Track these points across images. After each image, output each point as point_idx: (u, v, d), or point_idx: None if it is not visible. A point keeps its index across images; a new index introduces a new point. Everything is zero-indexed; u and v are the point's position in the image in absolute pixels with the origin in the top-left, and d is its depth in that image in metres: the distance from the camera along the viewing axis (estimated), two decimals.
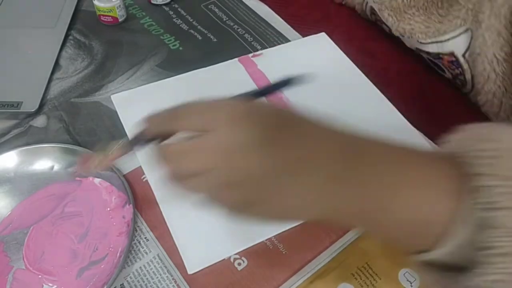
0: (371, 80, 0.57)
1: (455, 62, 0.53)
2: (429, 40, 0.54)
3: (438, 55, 0.55)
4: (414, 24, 0.55)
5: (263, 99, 0.35)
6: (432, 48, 0.55)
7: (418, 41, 0.55)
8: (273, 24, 0.65)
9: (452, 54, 0.53)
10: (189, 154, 0.29)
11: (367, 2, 0.64)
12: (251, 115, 0.29)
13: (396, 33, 0.58)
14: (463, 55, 0.52)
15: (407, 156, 0.31)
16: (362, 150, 0.31)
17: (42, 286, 0.40)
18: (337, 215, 0.30)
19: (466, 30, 0.50)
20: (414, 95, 0.57)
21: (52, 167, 0.47)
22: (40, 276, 0.40)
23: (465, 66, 0.52)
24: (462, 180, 0.27)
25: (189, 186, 0.31)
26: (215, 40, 0.63)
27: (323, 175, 0.29)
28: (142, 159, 0.48)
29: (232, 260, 0.41)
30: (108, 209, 0.44)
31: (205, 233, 0.43)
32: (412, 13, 0.54)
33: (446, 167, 0.29)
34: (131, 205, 0.43)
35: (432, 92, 0.57)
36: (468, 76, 0.53)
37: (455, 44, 0.52)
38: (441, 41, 0.53)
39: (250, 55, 0.59)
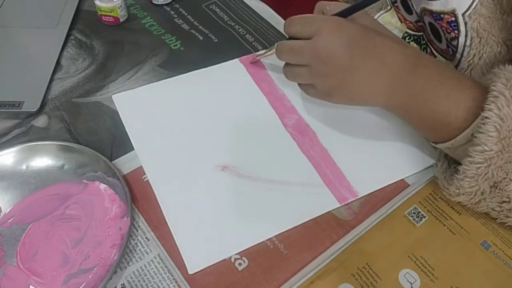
0: None
1: (453, 22, 0.54)
2: None
3: (439, 14, 0.55)
4: None
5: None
6: (437, 6, 0.55)
7: None
8: (274, 24, 0.65)
9: (452, 13, 0.53)
10: (297, 51, 0.46)
11: None
12: (343, 27, 0.44)
13: None
14: (463, 14, 0.52)
15: (451, 74, 0.43)
16: (419, 63, 0.44)
17: (29, 287, 0.39)
18: (391, 104, 0.45)
19: None
20: None
21: (63, 166, 0.47)
22: (28, 277, 0.40)
23: (462, 28, 0.53)
24: (479, 107, 0.39)
25: (293, 73, 0.48)
26: (216, 40, 0.63)
27: (389, 77, 0.43)
28: (142, 159, 0.48)
29: (232, 260, 0.42)
30: (107, 217, 0.43)
31: (206, 233, 0.43)
32: None
33: (475, 92, 0.41)
34: (129, 218, 0.42)
35: None
36: (462, 39, 0.54)
37: (458, 1, 0.52)
38: None
39: (251, 55, 0.60)
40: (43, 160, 0.47)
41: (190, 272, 0.40)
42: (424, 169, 0.48)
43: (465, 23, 0.53)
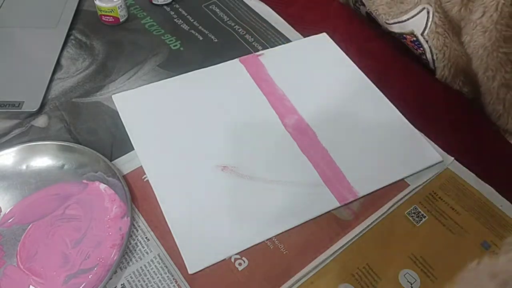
0: (371, 80, 0.57)
1: (416, 42, 0.56)
2: (392, 21, 0.56)
3: (402, 35, 0.57)
4: (378, 5, 0.57)
5: None
6: (396, 29, 0.57)
7: (384, 21, 0.58)
8: (274, 24, 0.65)
9: (412, 33, 0.55)
10: None
11: None
12: None
13: (371, 12, 0.61)
14: (422, 34, 0.54)
15: None
16: None
17: (29, 287, 0.39)
18: None
19: (423, 9, 0.53)
20: (415, 95, 0.57)
21: (63, 166, 0.47)
22: (28, 277, 0.40)
23: (425, 45, 0.55)
24: None
25: None
26: (216, 40, 0.63)
27: None
28: (142, 159, 0.48)
29: (232, 260, 0.42)
30: (107, 217, 0.43)
31: (206, 233, 0.43)
32: None
33: None
34: (129, 218, 0.42)
35: (433, 92, 0.57)
36: (428, 55, 0.56)
37: (414, 23, 0.54)
38: (402, 21, 0.55)
39: (251, 55, 0.60)
40: (43, 160, 0.47)
41: (190, 272, 0.40)
42: (424, 169, 0.48)
43: (426, 41, 0.55)
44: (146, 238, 0.43)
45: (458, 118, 0.54)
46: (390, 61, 0.59)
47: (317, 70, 0.58)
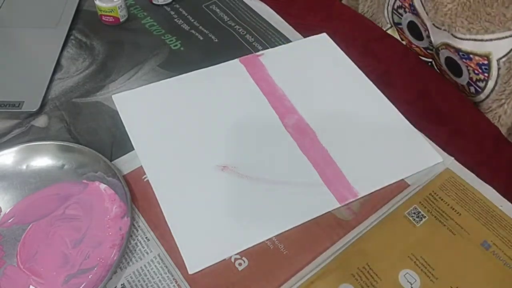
0: (372, 81, 0.57)
1: (484, 65, 0.52)
2: (468, 36, 0.51)
3: (469, 55, 0.53)
4: (454, 18, 0.52)
5: None
6: (467, 45, 0.52)
7: (453, 35, 0.53)
8: (274, 25, 0.65)
9: (486, 56, 0.51)
10: None
11: None
12: None
13: (434, 23, 0.55)
14: (498, 60, 0.50)
15: None
16: None
17: (29, 287, 0.39)
18: None
19: None
20: (415, 96, 0.57)
21: (63, 166, 0.47)
22: (28, 277, 0.40)
23: (494, 72, 0.51)
24: None
25: None
26: (216, 40, 0.63)
27: None
28: (142, 159, 0.48)
29: (232, 260, 0.42)
30: (107, 217, 0.43)
31: (206, 233, 0.43)
32: (453, 7, 0.51)
33: None
34: (129, 218, 0.42)
35: (433, 93, 0.57)
36: (491, 83, 0.52)
37: (495, 46, 0.50)
38: (481, 40, 0.51)
39: (251, 55, 0.60)
40: (43, 160, 0.47)
41: (190, 272, 0.40)
42: (424, 169, 0.48)
43: (499, 69, 0.50)
44: (146, 238, 0.43)
45: (458, 118, 0.54)
46: (390, 62, 0.59)
47: (317, 70, 0.58)
